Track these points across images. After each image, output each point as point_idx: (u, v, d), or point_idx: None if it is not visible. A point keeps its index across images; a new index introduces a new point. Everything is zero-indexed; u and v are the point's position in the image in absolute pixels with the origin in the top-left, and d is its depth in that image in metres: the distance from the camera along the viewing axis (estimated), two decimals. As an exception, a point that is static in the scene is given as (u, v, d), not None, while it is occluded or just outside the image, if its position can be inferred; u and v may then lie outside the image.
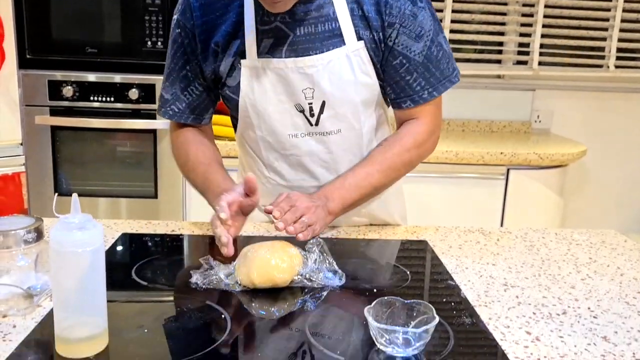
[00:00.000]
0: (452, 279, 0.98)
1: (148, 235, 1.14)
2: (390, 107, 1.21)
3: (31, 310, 0.81)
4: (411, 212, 1.43)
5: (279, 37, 1.08)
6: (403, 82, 1.13)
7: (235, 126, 1.21)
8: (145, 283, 0.92)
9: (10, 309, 0.80)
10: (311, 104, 1.10)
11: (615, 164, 3.06)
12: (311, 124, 1.12)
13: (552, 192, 2.49)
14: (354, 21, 1.07)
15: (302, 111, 1.11)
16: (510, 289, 0.95)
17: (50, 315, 0.79)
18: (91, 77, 2.25)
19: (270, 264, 0.88)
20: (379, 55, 1.11)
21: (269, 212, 1.02)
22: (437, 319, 0.72)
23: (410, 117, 1.18)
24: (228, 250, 0.94)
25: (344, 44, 1.08)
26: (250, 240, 1.09)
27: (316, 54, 1.08)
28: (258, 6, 1.06)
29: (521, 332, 0.81)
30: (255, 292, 0.89)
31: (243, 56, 1.10)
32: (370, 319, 0.72)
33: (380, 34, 1.08)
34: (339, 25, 1.07)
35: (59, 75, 2.24)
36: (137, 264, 0.98)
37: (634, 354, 0.76)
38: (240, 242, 1.11)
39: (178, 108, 1.18)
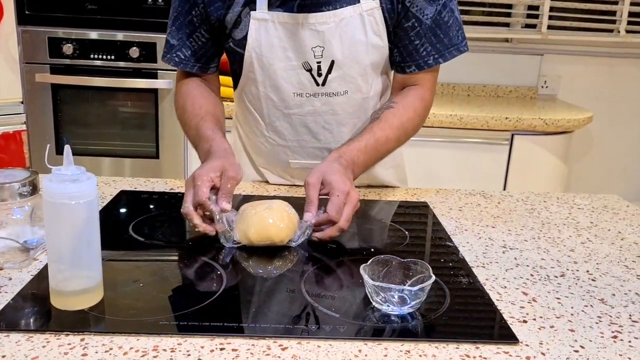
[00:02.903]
0: (450, 241, 0.97)
1: (147, 192, 1.14)
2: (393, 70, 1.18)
3: (27, 263, 0.81)
4: (414, 176, 1.41)
5: None
6: (411, 46, 1.10)
7: (235, 82, 1.19)
8: (142, 239, 0.91)
9: (7, 262, 0.80)
10: (319, 63, 1.08)
11: (621, 131, 3.02)
12: (317, 84, 1.10)
13: (557, 158, 2.47)
14: None
15: (310, 70, 1.09)
16: (509, 251, 0.94)
17: (46, 269, 0.79)
18: (91, 34, 2.22)
19: (268, 222, 0.87)
20: (394, 17, 1.07)
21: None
22: (433, 277, 0.72)
23: (412, 82, 1.15)
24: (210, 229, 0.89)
25: (359, 1, 1.05)
26: (249, 199, 1.08)
27: (329, 10, 1.04)
28: None
29: (518, 292, 0.80)
30: (253, 250, 0.88)
31: (252, 7, 1.05)
32: (365, 277, 0.72)
33: None
34: None
35: (59, 32, 2.21)
36: (134, 221, 0.98)
37: (630, 316, 0.75)
38: (238, 201, 1.11)
39: (184, 55, 1.14)
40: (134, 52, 2.21)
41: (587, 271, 0.89)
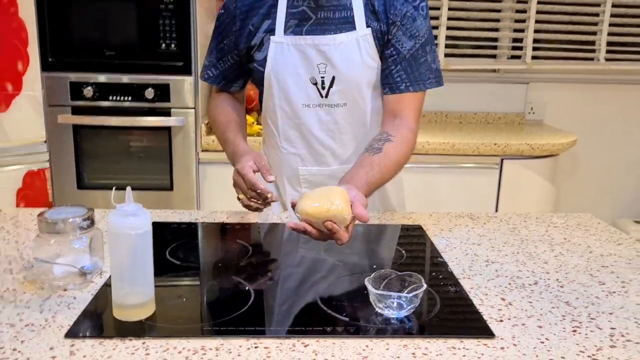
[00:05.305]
0: (441, 257, 1.13)
1: (175, 223, 1.30)
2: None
3: (85, 285, 0.97)
4: (412, 201, 1.58)
5: (303, 19, 1.29)
6: (387, 70, 1.32)
7: (260, 103, 1.42)
8: (179, 262, 1.08)
9: (69, 284, 0.96)
10: (323, 77, 1.30)
11: (606, 152, 3.20)
12: (322, 96, 1.32)
13: (544, 180, 2.64)
14: (366, 13, 1.28)
15: (315, 84, 1.31)
16: (491, 265, 1.10)
17: (103, 289, 0.95)
18: (110, 78, 2.41)
19: (324, 195, 0.98)
20: (382, 44, 1.30)
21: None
22: (425, 286, 0.88)
23: (395, 109, 1.31)
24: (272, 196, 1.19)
25: (355, 29, 1.28)
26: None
27: (331, 34, 1.28)
28: None
29: (497, 298, 0.96)
30: (275, 270, 1.04)
31: (272, 33, 1.31)
32: (369, 287, 0.88)
33: (385, 28, 1.29)
34: (353, 15, 1.28)
35: (79, 76, 2.40)
36: (169, 247, 1.14)
37: (589, 314, 0.91)
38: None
39: (212, 73, 1.43)
40: (149, 93, 2.40)
41: (557, 279, 1.04)
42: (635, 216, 3.26)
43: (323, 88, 1.31)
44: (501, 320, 0.88)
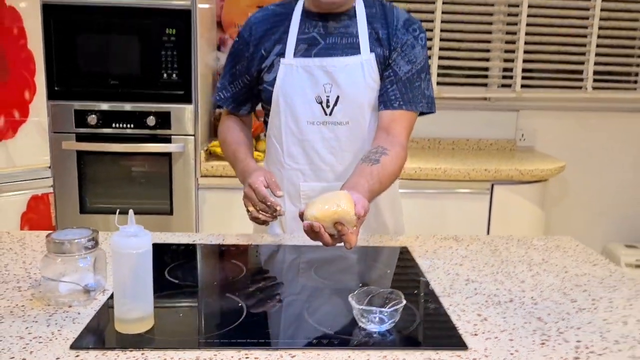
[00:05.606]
0: (424, 276, 1.20)
1: (174, 244, 1.37)
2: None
3: (89, 302, 1.04)
4: (408, 224, 1.66)
5: (312, 44, 1.41)
6: (384, 89, 1.42)
7: (266, 123, 1.52)
8: (177, 281, 1.14)
9: (74, 301, 1.03)
10: (328, 96, 1.41)
11: (594, 178, 3.28)
12: (326, 114, 1.42)
13: (534, 204, 2.71)
14: (370, 40, 1.40)
15: (320, 102, 1.41)
16: (471, 283, 1.17)
17: (105, 305, 1.02)
18: (113, 106, 2.50)
19: (332, 201, 1.06)
20: (383, 68, 1.41)
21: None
22: (404, 302, 0.94)
23: (389, 126, 1.39)
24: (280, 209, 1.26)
25: (360, 53, 1.40)
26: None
27: (337, 56, 1.39)
28: (302, 22, 1.42)
29: (473, 314, 1.03)
30: (267, 288, 1.11)
31: (283, 56, 1.42)
32: (353, 303, 0.95)
33: (387, 53, 1.41)
34: (358, 41, 1.40)
35: (84, 104, 2.49)
36: (168, 267, 1.21)
37: (558, 329, 0.98)
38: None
39: (224, 95, 1.54)
40: (151, 120, 2.49)
41: (532, 297, 1.11)
42: (626, 240, 3.32)
43: (328, 107, 1.41)
44: (475, 334, 0.95)
